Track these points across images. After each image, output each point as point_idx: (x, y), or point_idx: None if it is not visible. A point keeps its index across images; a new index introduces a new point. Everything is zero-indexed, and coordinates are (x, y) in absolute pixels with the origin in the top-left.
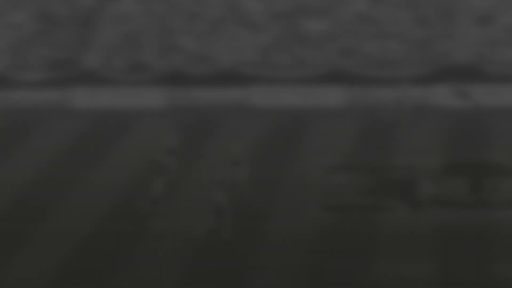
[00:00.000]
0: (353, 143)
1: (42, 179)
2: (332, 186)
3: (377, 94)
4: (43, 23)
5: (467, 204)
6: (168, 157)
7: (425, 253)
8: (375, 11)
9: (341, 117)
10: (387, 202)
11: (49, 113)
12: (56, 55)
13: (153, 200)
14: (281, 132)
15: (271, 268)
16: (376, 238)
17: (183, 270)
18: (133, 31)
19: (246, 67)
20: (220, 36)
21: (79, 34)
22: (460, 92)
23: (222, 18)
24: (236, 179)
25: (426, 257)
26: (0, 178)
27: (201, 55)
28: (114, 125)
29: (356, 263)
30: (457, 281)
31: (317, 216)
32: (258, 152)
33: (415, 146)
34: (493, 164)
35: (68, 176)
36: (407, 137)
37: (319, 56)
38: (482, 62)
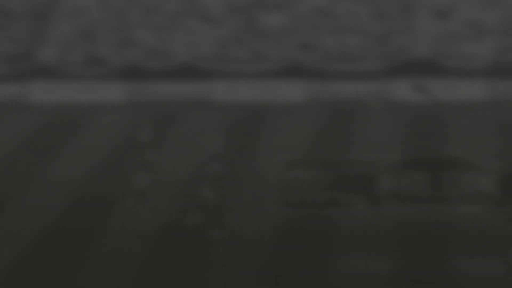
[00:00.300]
0: (312, 138)
1: None
2: (291, 181)
3: (337, 89)
4: None
5: (426, 199)
6: (133, 153)
7: (384, 249)
8: (334, 5)
9: (301, 112)
10: (346, 198)
11: (4, 108)
12: (11, 49)
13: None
14: (241, 127)
15: (230, 265)
16: (335, 234)
17: (139, 268)
18: (90, 24)
19: (205, 61)
20: (178, 30)
21: (35, 28)
22: (419, 86)
23: (179, 12)
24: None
25: (385, 253)
26: None
27: (159, 49)
28: (72, 120)
29: (316, 259)
30: (416, 277)
31: (276, 212)
32: (217, 147)
33: (374, 141)
34: (452, 159)
35: (24, 172)
36: (366, 132)
37: (278, 51)
38: (440, 56)
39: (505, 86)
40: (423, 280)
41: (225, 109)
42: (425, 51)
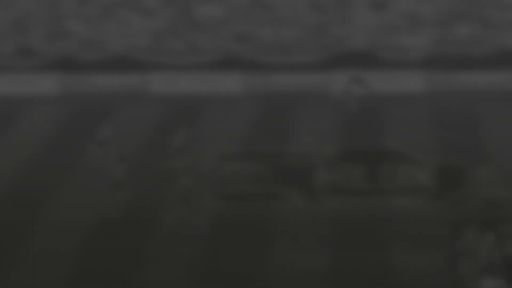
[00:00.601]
0: (249, 130)
1: None
2: (227, 174)
3: (274, 81)
4: None
5: (363, 192)
6: (68, 145)
7: (321, 242)
8: None
9: (238, 104)
10: (283, 191)
11: None
12: None
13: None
14: (177, 119)
15: (164, 260)
16: (271, 228)
17: (71, 266)
18: (22, 15)
19: (140, 53)
20: (112, 21)
21: None
22: (356, 78)
23: (113, 3)
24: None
25: (322, 247)
26: None
27: (93, 40)
28: (4, 112)
29: (252, 253)
30: (354, 269)
31: (212, 205)
32: (153, 139)
33: (312, 133)
34: (389, 151)
35: None
36: (303, 124)
37: (214, 42)
38: (378, 48)
39: (442, 78)
40: (360, 271)
41: (161, 101)
42: (362, 43)
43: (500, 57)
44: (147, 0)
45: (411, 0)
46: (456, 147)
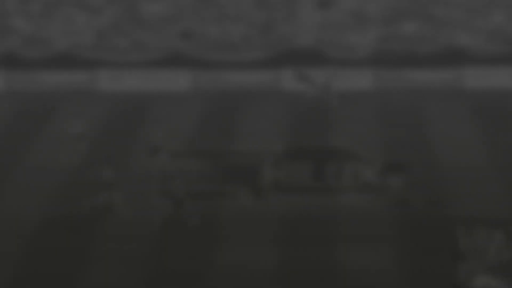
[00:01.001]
0: (196, 128)
1: None
2: (175, 172)
3: (221, 78)
4: None
5: (310, 190)
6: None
7: (269, 240)
8: None
9: (185, 102)
10: (231, 189)
11: None
12: None
13: None
14: (124, 117)
15: (110, 260)
16: (219, 226)
17: (16, 266)
18: None
19: (84, 50)
20: (56, 18)
21: None
22: (303, 76)
23: (58, 0)
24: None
25: (270, 244)
26: None
27: (38, 37)
28: None
29: (200, 252)
30: (302, 268)
31: (159, 204)
32: (100, 137)
33: (259, 131)
34: (336, 149)
35: None
36: (250, 122)
37: (159, 40)
38: (324, 46)
39: (388, 75)
40: (307, 272)
41: (108, 99)
42: (309, 41)
43: (445, 55)
44: None
45: None
46: (402, 145)
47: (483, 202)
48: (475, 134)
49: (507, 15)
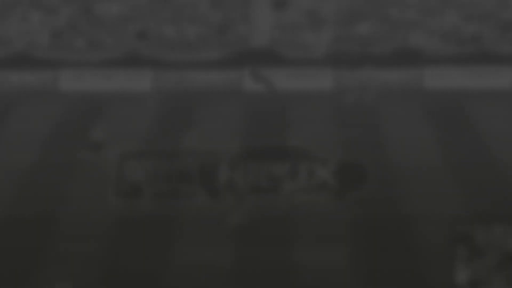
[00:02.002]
0: (152, 128)
1: None
2: (131, 172)
3: (178, 78)
4: None
5: (266, 189)
6: None
7: (225, 239)
8: None
9: (141, 102)
10: (186, 189)
11: None
12: None
13: None
14: (82, 117)
15: (64, 259)
16: (175, 225)
17: None
18: None
19: (41, 50)
20: (12, 18)
21: None
22: (259, 76)
23: (13, 0)
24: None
25: (226, 244)
26: None
27: None
28: None
29: (155, 252)
30: (257, 267)
31: (114, 204)
32: (57, 137)
33: (215, 131)
34: (292, 148)
35: None
36: (207, 122)
37: (115, 39)
38: (279, 46)
39: (343, 75)
40: (263, 270)
41: (66, 99)
42: (264, 41)
43: (400, 55)
44: None
45: None
46: (358, 145)
47: (436, 201)
48: (430, 133)
49: (461, 15)
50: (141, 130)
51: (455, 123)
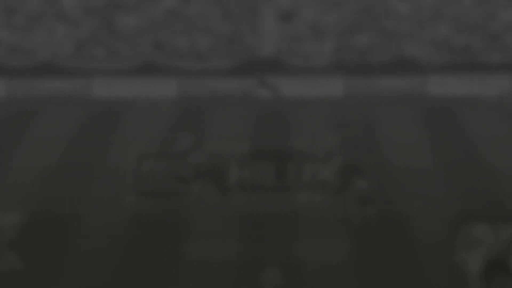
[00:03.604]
0: (165, 131)
1: None
2: (145, 172)
3: (189, 85)
4: None
5: (271, 189)
6: None
7: (232, 236)
8: (185, 7)
9: (156, 106)
10: (197, 188)
11: None
12: None
13: None
14: (98, 121)
15: (81, 256)
16: (186, 223)
17: None
18: None
19: (64, 59)
20: (38, 30)
21: None
22: (266, 83)
23: (39, 13)
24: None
25: (235, 239)
26: None
27: (20, 47)
28: None
29: (168, 249)
30: (263, 261)
31: (129, 202)
32: (79, 140)
33: (224, 134)
34: (295, 150)
35: None
36: (216, 125)
37: (133, 50)
38: (285, 55)
39: (346, 83)
40: (268, 262)
41: (89, 104)
42: (271, 51)
43: (396, 64)
44: (70, 10)
45: (315, 11)
46: (357, 148)
47: (430, 201)
48: (423, 136)
49: (452, 27)
50: (154, 133)
51: (447, 126)
